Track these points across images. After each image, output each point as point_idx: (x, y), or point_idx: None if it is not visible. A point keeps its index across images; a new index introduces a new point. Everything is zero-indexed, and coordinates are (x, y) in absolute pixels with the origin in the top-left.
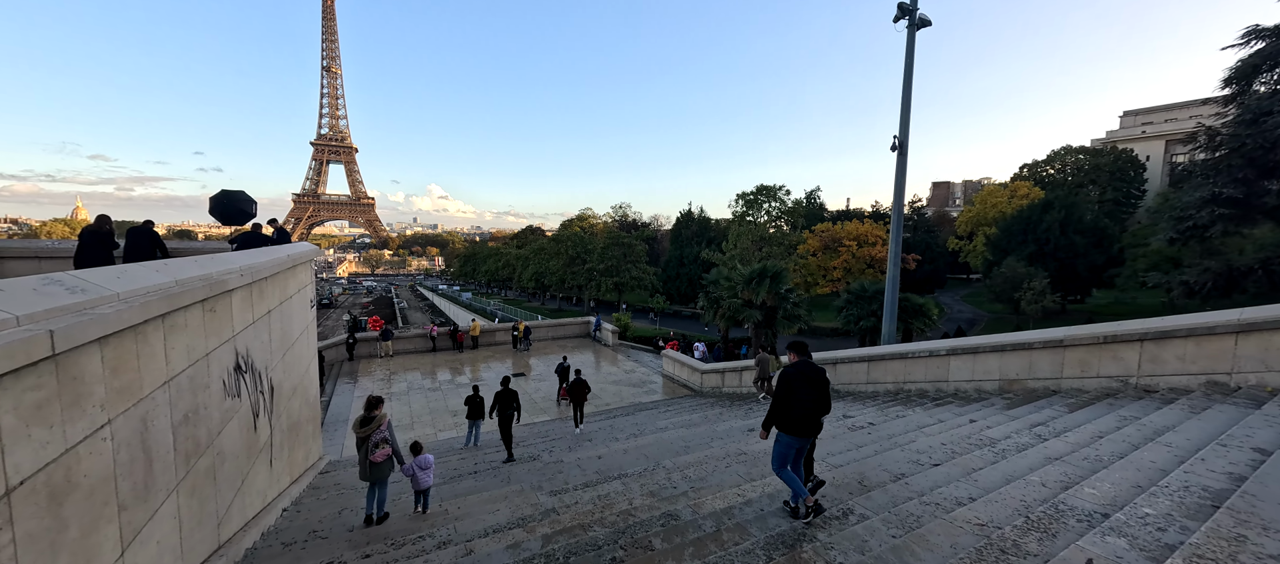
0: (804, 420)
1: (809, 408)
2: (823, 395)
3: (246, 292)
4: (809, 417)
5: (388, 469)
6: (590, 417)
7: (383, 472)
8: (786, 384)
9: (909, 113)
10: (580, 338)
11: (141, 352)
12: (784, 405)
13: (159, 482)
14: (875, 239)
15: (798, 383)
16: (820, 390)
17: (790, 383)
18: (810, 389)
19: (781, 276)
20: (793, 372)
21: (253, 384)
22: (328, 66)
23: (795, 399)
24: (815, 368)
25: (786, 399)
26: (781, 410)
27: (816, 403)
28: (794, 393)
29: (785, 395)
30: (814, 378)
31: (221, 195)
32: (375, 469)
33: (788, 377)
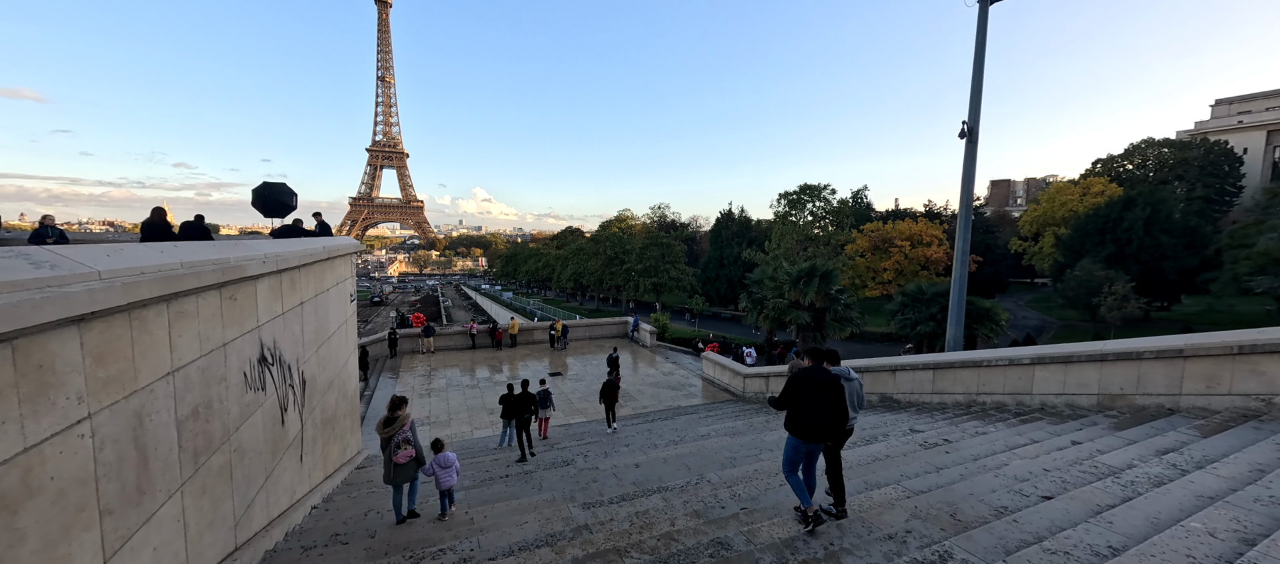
0: (811, 425)
1: (817, 413)
2: (835, 404)
3: (274, 281)
4: (818, 422)
5: (412, 471)
6: (626, 419)
7: (407, 473)
8: (792, 387)
9: (980, 96)
10: (617, 338)
11: (139, 339)
12: (785, 406)
13: (157, 482)
14: (930, 239)
15: (805, 388)
16: (832, 398)
17: (796, 387)
18: (819, 396)
19: (832, 276)
20: (802, 376)
21: (281, 377)
22: (382, 77)
23: (800, 403)
24: (828, 375)
25: (790, 402)
26: (782, 403)
27: (826, 410)
28: (798, 397)
29: (789, 398)
30: (825, 385)
31: (263, 187)
32: (399, 471)
33: (795, 380)
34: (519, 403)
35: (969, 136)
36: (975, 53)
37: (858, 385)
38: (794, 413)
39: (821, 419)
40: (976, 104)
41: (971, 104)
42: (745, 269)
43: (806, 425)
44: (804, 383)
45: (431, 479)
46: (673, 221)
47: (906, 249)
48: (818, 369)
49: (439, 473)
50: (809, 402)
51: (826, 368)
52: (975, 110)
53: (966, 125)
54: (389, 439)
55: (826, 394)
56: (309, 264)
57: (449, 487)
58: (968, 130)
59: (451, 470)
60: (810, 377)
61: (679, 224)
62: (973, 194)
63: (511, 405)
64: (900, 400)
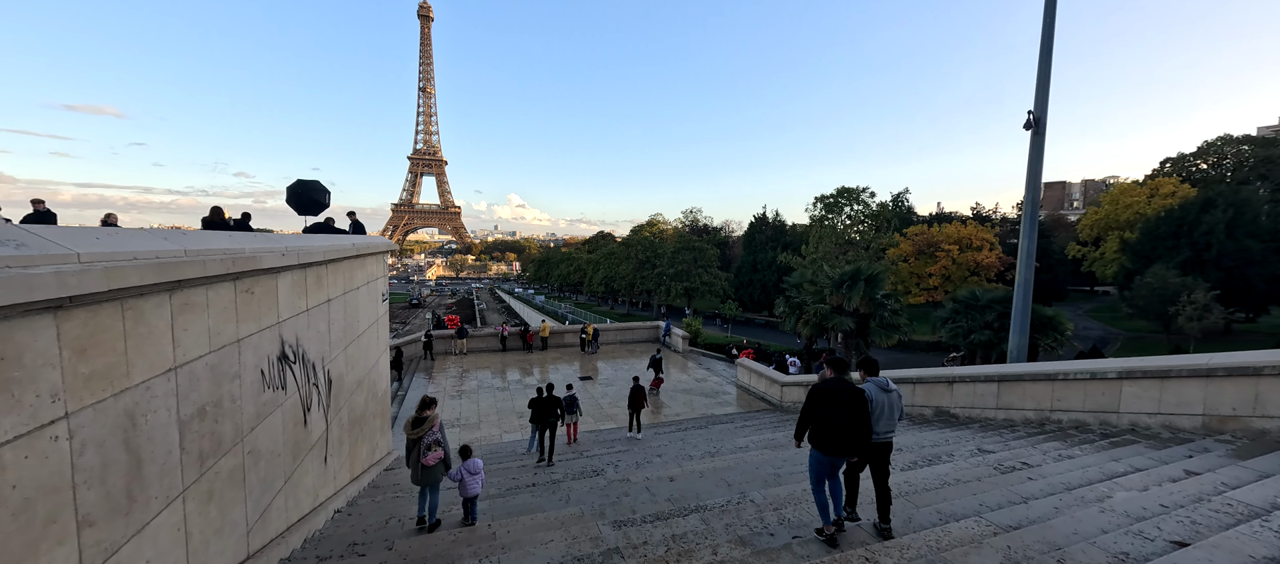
0: (834, 439)
1: (839, 427)
2: (859, 417)
3: (298, 276)
4: (841, 436)
5: (440, 473)
6: (659, 427)
7: (435, 476)
8: (813, 400)
9: (1048, 82)
10: (649, 343)
11: (133, 331)
12: (807, 421)
13: (153, 488)
14: (981, 242)
15: (826, 401)
16: (855, 411)
17: (817, 399)
18: (841, 409)
19: (878, 280)
20: (822, 389)
21: (304, 376)
22: (423, 88)
23: (821, 416)
24: (850, 388)
25: (811, 415)
26: (805, 425)
27: (850, 424)
28: (819, 410)
29: (810, 411)
30: (847, 398)
31: (297, 185)
32: (427, 473)
33: (816, 392)
34: (545, 406)
35: (1035, 127)
36: (1042, 33)
37: (897, 397)
38: (816, 426)
39: (843, 433)
40: (1044, 91)
41: (1038, 91)
42: (780, 274)
43: (828, 439)
44: (824, 396)
45: (456, 485)
46: (705, 226)
47: (954, 253)
48: (838, 381)
49: (466, 479)
50: (830, 415)
51: (847, 380)
52: (1043, 98)
53: (1032, 115)
54: (417, 440)
55: (847, 407)
56: (336, 260)
57: (474, 495)
58: (1034, 121)
59: (478, 478)
60: (830, 389)
61: (711, 228)
62: (1039, 190)
63: (538, 409)
64: (958, 415)
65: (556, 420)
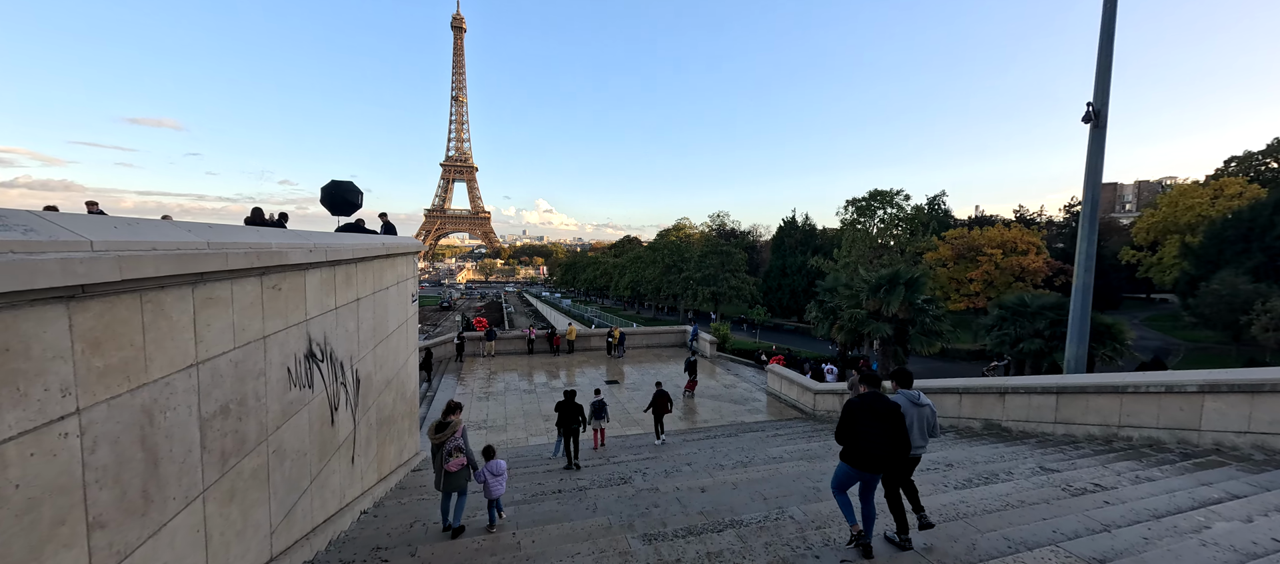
0: (867, 455)
1: (874, 443)
2: (894, 433)
3: (327, 274)
4: (875, 451)
5: (464, 479)
6: (687, 434)
7: (459, 481)
8: (848, 416)
9: (1109, 70)
10: (676, 347)
11: (153, 325)
12: (845, 438)
13: (171, 488)
14: (1026, 246)
15: (862, 417)
16: (890, 427)
17: (853, 415)
18: (876, 424)
19: (918, 284)
20: (857, 404)
21: (331, 374)
22: (456, 96)
23: (856, 432)
24: (885, 402)
25: (846, 432)
26: (840, 435)
27: (886, 440)
28: (855, 426)
29: (847, 429)
30: (882, 413)
31: (330, 185)
32: (450, 479)
33: (851, 408)
34: (570, 411)
35: (1095, 120)
36: (1103, 17)
37: (930, 411)
38: (851, 442)
39: (879, 449)
40: (1105, 80)
41: (1098, 81)
42: (810, 279)
43: (861, 454)
44: (861, 411)
45: (480, 488)
46: (732, 229)
47: (997, 258)
48: (873, 395)
49: (490, 481)
50: (867, 430)
51: (882, 394)
52: (1103, 88)
53: (1092, 107)
54: (441, 445)
55: (883, 422)
56: (366, 259)
57: (497, 496)
58: (1093, 113)
59: (501, 479)
60: (866, 404)
61: (738, 232)
62: (1100, 187)
63: (563, 413)
64: (1011, 429)
65: (578, 425)
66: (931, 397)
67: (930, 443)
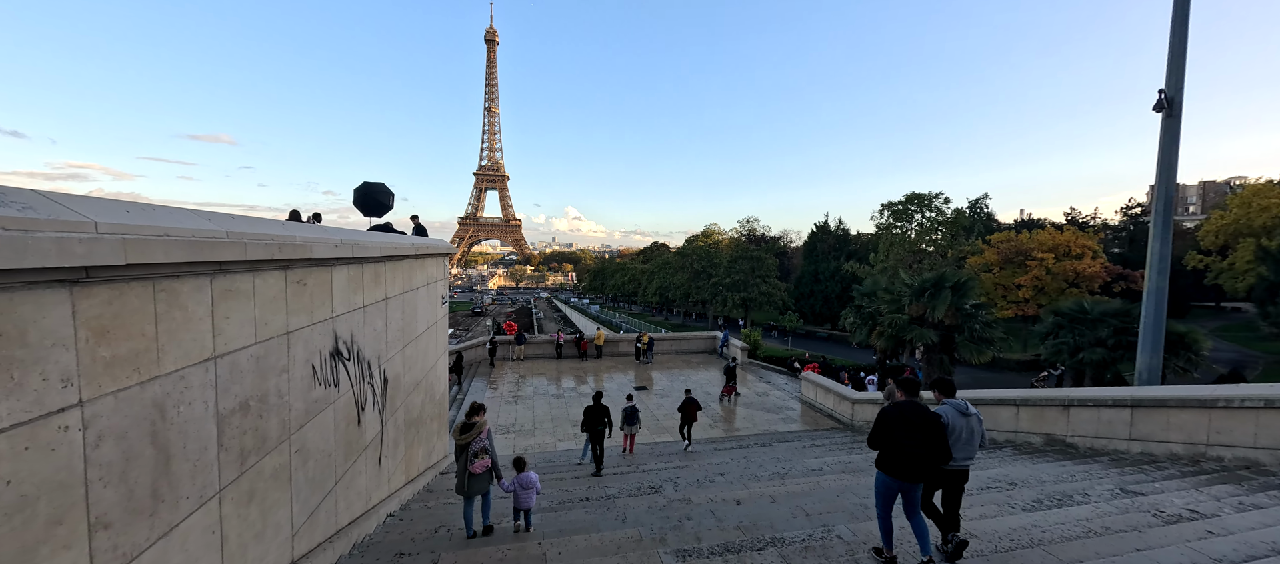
0: (902, 463)
1: (910, 451)
2: (933, 442)
3: (355, 271)
4: (911, 460)
5: (487, 482)
6: (719, 443)
7: (481, 485)
8: (883, 423)
9: (1184, 53)
10: (706, 354)
11: (166, 315)
12: (878, 445)
13: (184, 487)
14: (1082, 250)
15: (897, 425)
16: (928, 435)
17: (888, 423)
18: (913, 433)
19: (967, 288)
20: (893, 412)
21: (358, 373)
22: (489, 107)
23: (891, 439)
24: (922, 410)
25: (883, 439)
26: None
27: (923, 448)
28: (890, 434)
29: (881, 435)
30: (918, 421)
31: (363, 187)
32: (474, 482)
33: (886, 415)
34: (597, 416)
35: (1168, 107)
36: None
37: (976, 422)
38: (886, 450)
39: (916, 457)
40: (1179, 66)
41: (1171, 66)
42: (844, 284)
43: (897, 463)
44: (896, 418)
45: (508, 496)
46: (762, 235)
47: (1049, 262)
48: (910, 403)
49: (520, 493)
50: (903, 438)
51: (919, 402)
52: (1177, 73)
53: (1164, 94)
54: (465, 447)
55: (922, 431)
56: (394, 258)
57: (529, 507)
58: (1166, 101)
59: (531, 492)
60: (902, 411)
61: (768, 238)
62: (1174, 181)
63: (590, 417)
64: (1077, 445)
65: (604, 429)
66: (984, 409)
67: (987, 459)
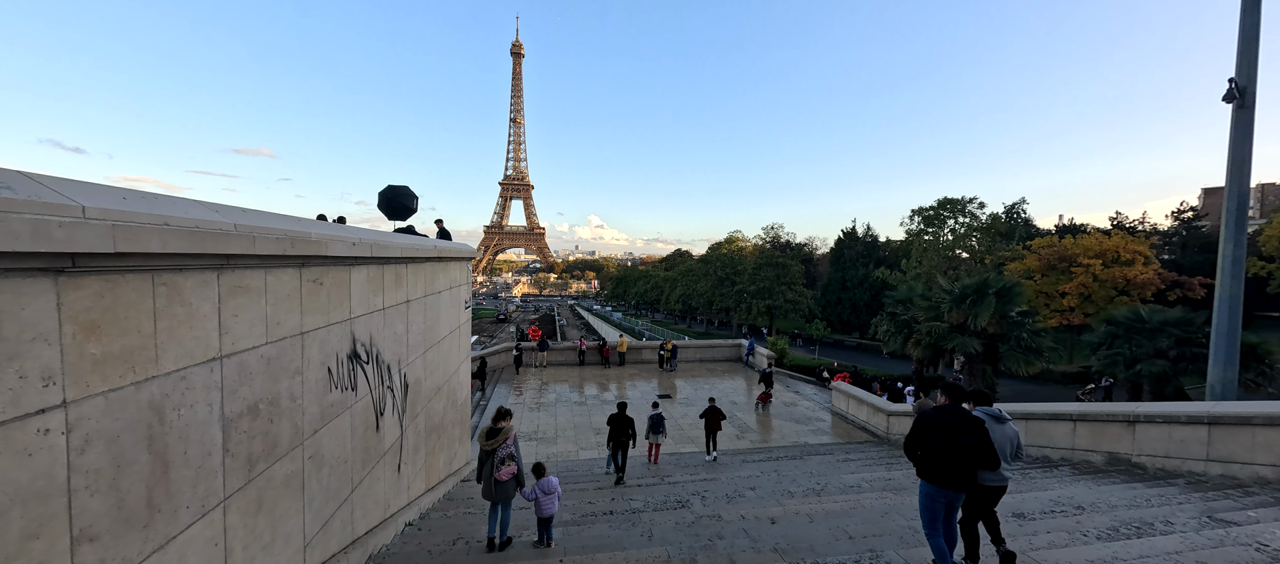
0: (947, 471)
1: (955, 456)
2: (979, 445)
3: (375, 272)
4: (954, 467)
5: (512, 489)
6: (747, 454)
7: (507, 491)
8: (920, 427)
9: (1257, 38)
10: (730, 362)
11: (166, 310)
12: (916, 448)
13: (183, 495)
14: (1132, 256)
15: (936, 429)
16: (973, 439)
17: (926, 427)
18: (955, 436)
19: (1013, 294)
20: (932, 415)
21: (377, 377)
22: (514, 119)
23: (930, 445)
24: (965, 416)
25: (922, 443)
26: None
27: (964, 454)
28: (928, 438)
29: (919, 439)
30: (961, 424)
31: (387, 190)
32: (499, 488)
33: (925, 419)
34: (619, 426)
35: (1240, 98)
36: None
37: (1012, 431)
38: (927, 456)
39: (960, 463)
40: (1251, 51)
41: (1241, 51)
42: (873, 292)
43: (941, 470)
44: (936, 422)
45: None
46: (787, 242)
47: (1096, 269)
48: (950, 407)
49: (541, 500)
50: (944, 442)
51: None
52: (1250, 60)
53: (1235, 83)
54: (491, 452)
55: (964, 433)
56: (416, 260)
57: (551, 514)
58: (1237, 90)
59: (553, 497)
60: (943, 415)
61: (794, 245)
62: (1248, 179)
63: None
64: (1145, 466)
65: (628, 439)
66: (1038, 424)
67: (1044, 479)
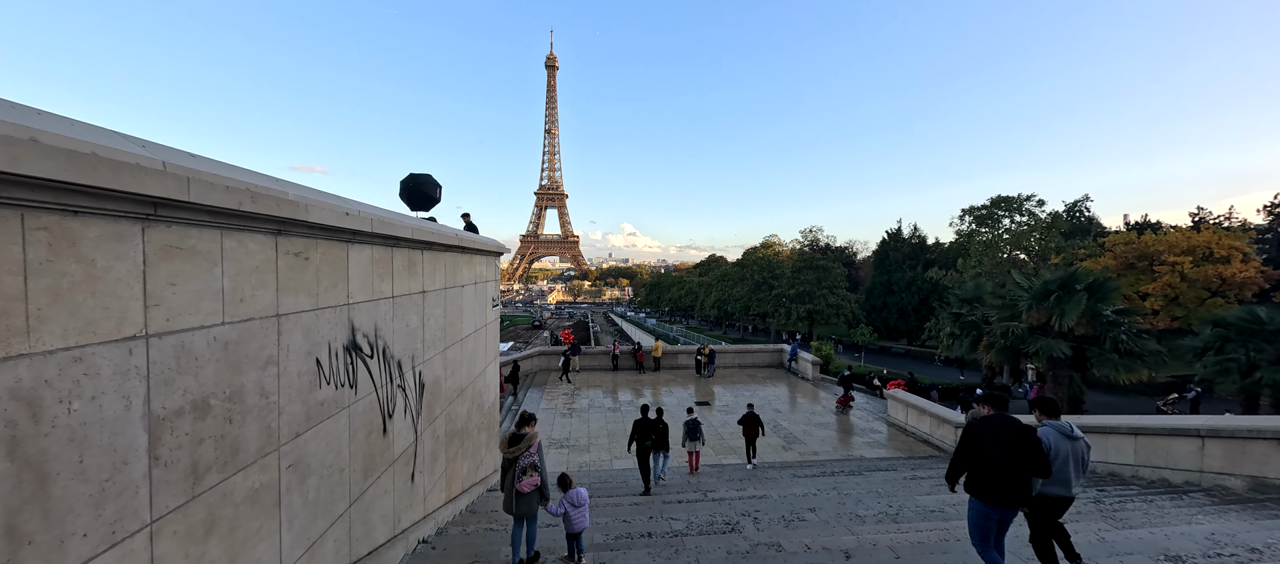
0: (998, 486)
1: (1007, 470)
2: (1031, 458)
3: (381, 254)
4: (1007, 482)
5: (535, 502)
6: (797, 467)
7: (530, 505)
8: (969, 438)
9: None
10: (771, 368)
11: (43, 265)
12: (961, 463)
13: (77, 519)
14: (1227, 252)
15: (986, 438)
16: (1026, 452)
17: (975, 437)
18: (1007, 449)
19: (1107, 289)
20: (981, 425)
21: (384, 375)
22: (548, 130)
23: (979, 458)
24: (1016, 424)
25: (965, 456)
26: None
27: (1020, 465)
28: (976, 449)
29: (965, 452)
30: (1013, 436)
31: (409, 179)
32: (521, 501)
33: (973, 429)
34: (644, 431)
35: None
36: None
37: (1083, 447)
38: (975, 471)
39: (1013, 478)
40: None
41: None
42: (921, 295)
43: (992, 486)
44: (986, 433)
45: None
46: (826, 245)
47: (1184, 267)
48: (1002, 417)
49: (571, 514)
50: (995, 455)
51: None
52: None
53: None
54: (514, 461)
55: (1019, 447)
56: (434, 246)
57: (581, 529)
58: None
59: (583, 510)
60: (992, 426)
61: (833, 248)
62: None
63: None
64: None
65: (651, 444)
66: (1152, 441)
67: (1175, 508)
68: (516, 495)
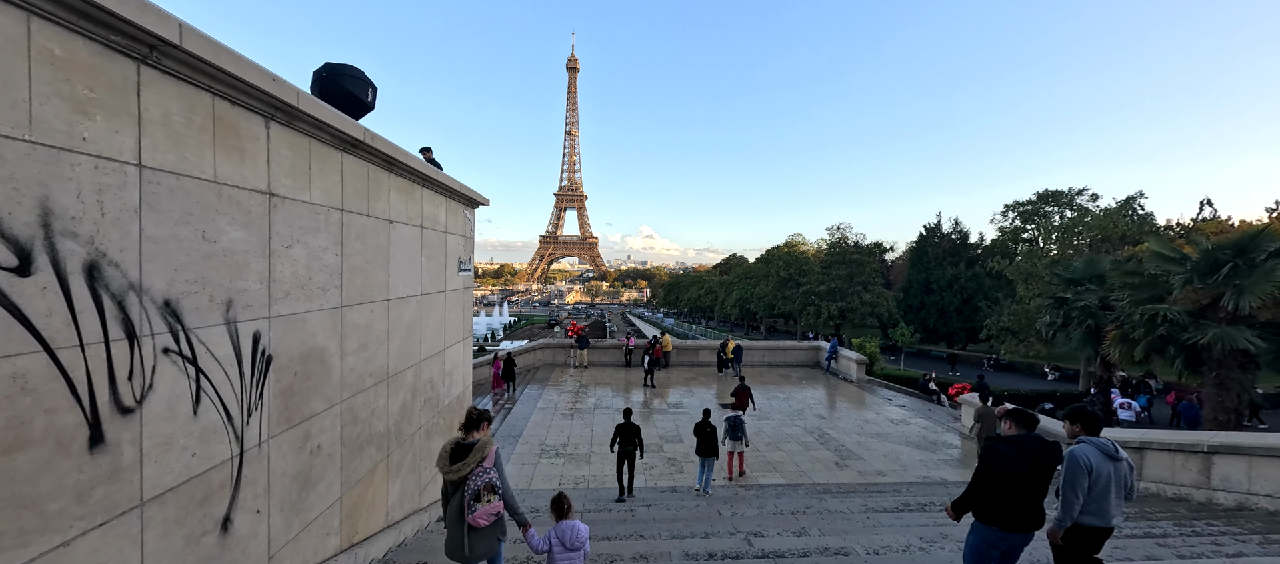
0: (1009, 509)
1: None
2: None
3: (116, 71)
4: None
5: (494, 540)
6: (860, 491)
7: (487, 544)
8: (990, 457)
9: None
10: (807, 368)
11: None
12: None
13: None
14: None
15: (1010, 459)
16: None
17: (997, 456)
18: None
19: None
20: (1004, 445)
21: (119, 324)
22: (569, 131)
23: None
24: (1040, 442)
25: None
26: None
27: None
28: (1000, 470)
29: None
30: (1035, 455)
31: (325, 69)
32: (475, 539)
33: (994, 448)
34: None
35: None
36: None
37: (1127, 469)
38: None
39: (1027, 501)
40: None
41: None
42: (964, 295)
43: (1003, 509)
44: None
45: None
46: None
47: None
48: (1030, 437)
49: (557, 557)
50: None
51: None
52: None
53: None
54: (460, 483)
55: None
56: (327, 130)
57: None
58: None
59: (579, 555)
60: (1018, 445)
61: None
62: None
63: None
64: None
65: (634, 448)
66: None
67: None
68: (467, 532)
